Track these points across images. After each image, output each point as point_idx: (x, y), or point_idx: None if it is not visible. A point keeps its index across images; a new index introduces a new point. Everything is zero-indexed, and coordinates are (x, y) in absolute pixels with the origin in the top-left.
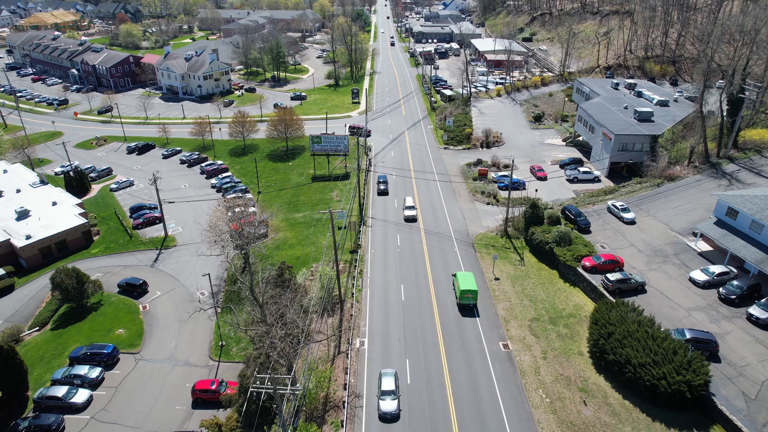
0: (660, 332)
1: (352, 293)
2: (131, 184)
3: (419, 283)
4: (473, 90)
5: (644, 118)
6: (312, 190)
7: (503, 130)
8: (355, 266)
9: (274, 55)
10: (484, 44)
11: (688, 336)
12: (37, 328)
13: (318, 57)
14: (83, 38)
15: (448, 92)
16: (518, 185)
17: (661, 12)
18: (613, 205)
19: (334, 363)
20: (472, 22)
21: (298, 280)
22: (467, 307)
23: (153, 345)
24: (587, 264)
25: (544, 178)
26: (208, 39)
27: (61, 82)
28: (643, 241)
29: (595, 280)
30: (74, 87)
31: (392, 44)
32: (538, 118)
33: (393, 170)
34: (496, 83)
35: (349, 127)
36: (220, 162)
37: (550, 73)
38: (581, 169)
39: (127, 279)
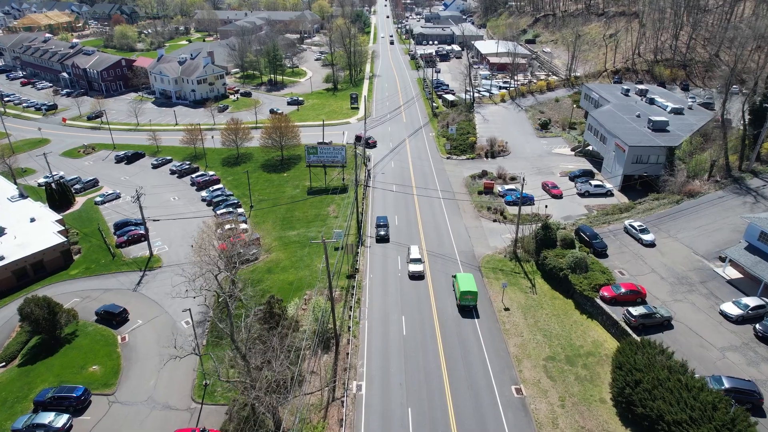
0: (695, 381)
1: (349, 326)
2: (118, 196)
3: (422, 315)
4: (476, 95)
5: (659, 127)
6: (307, 205)
7: (508, 139)
8: (352, 294)
9: (271, 58)
10: (486, 46)
11: (726, 385)
12: (3, 363)
13: (316, 59)
14: (75, 41)
15: (450, 97)
16: (527, 200)
17: (671, 14)
18: (631, 225)
19: (327, 413)
20: (473, 23)
21: (289, 313)
22: (467, 308)
23: (130, 384)
24: (606, 294)
25: (559, 196)
26: (204, 41)
27: (51, 86)
28: (665, 267)
29: (616, 313)
30: (64, 91)
31: (391, 42)
32: (544, 126)
33: (393, 184)
34: (500, 87)
35: (355, 136)
36: (211, 173)
37: (555, 77)
38: (593, 182)
39: (105, 306)
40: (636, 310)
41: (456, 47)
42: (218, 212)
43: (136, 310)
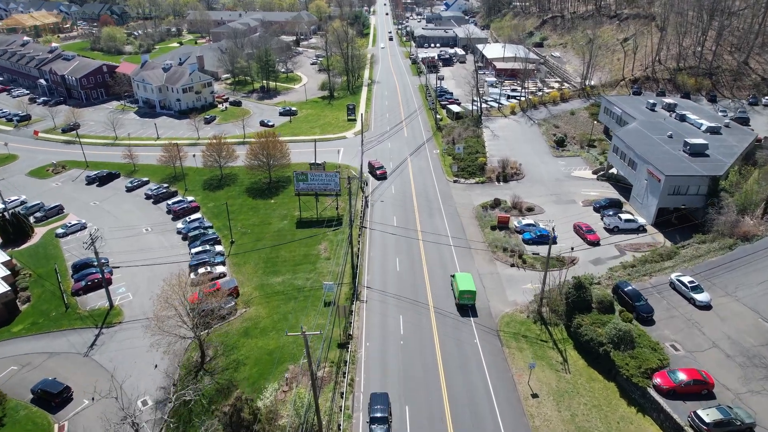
0: None
1: (339, 425)
2: (83, 227)
3: (431, 404)
4: (483, 105)
5: (697, 151)
6: (295, 240)
7: (522, 158)
8: (345, 371)
9: (263, 63)
10: (492, 50)
11: None
12: None
13: (312, 63)
14: (54, 45)
15: (455, 108)
16: (546, 238)
17: (692, 16)
18: (679, 281)
19: None
20: (476, 24)
21: (264, 404)
22: (465, 307)
23: None
24: (662, 384)
25: (595, 243)
26: (196, 43)
27: (28, 94)
28: (730, 339)
29: (678, 410)
30: (41, 99)
31: (390, 39)
32: (560, 143)
33: (394, 215)
34: (508, 96)
35: (369, 163)
36: (190, 198)
37: (567, 86)
38: (623, 216)
39: (44, 383)
40: (708, 415)
41: (459, 51)
42: (193, 251)
43: (84, 384)
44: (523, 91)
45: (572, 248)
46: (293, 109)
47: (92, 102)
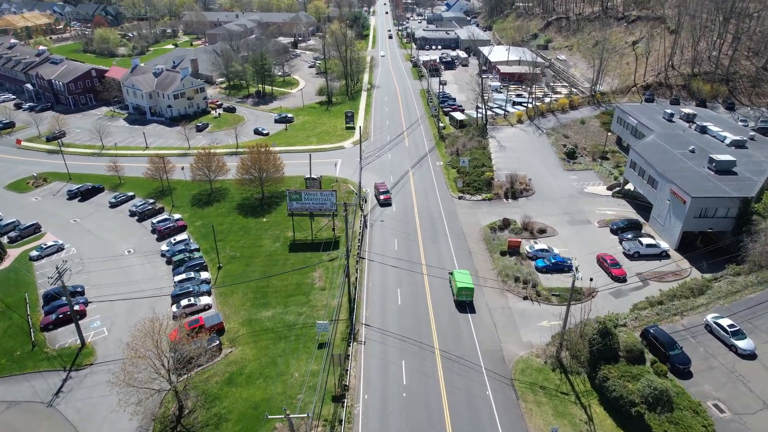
0: None
1: None
2: (60, 249)
3: None
4: (488, 112)
5: (724, 168)
6: (288, 267)
7: (531, 172)
8: (340, 430)
9: (258, 67)
10: (495, 53)
11: None
12: None
13: (310, 66)
14: (41, 48)
15: (459, 116)
16: (562, 266)
17: (706, 20)
18: (717, 323)
19: None
20: (478, 25)
21: None
22: (463, 303)
23: None
24: None
25: (621, 279)
26: (192, 45)
27: (14, 99)
28: None
29: None
30: (27, 105)
31: (390, 37)
32: (571, 155)
33: (395, 237)
34: (514, 103)
35: (375, 186)
36: (177, 216)
37: (574, 90)
38: (644, 240)
39: None
40: None
41: (462, 53)
42: (176, 278)
43: None
44: (530, 97)
45: (591, 279)
46: (289, 115)
47: (80, 108)
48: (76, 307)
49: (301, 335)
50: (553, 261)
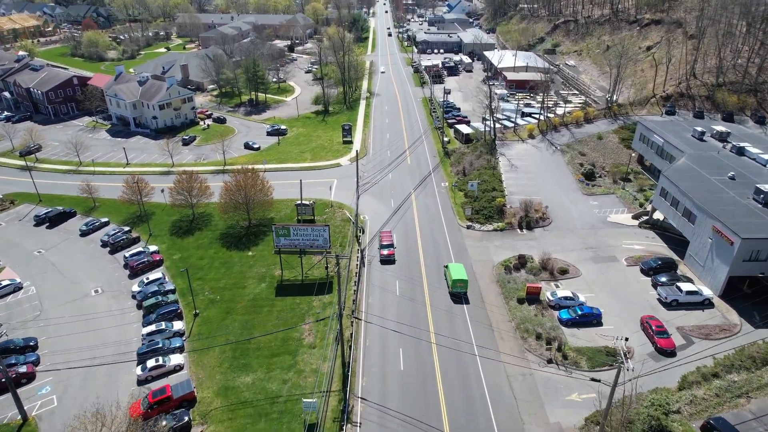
0: None
1: None
2: (17, 288)
3: None
4: (497, 126)
5: None
6: (274, 315)
7: (546, 196)
8: None
9: (251, 75)
10: (501, 58)
11: None
12: None
13: (307, 71)
14: (21, 53)
15: (465, 129)
16: (590, 318)
17: (728, 24)
18: None
19: None
20: (480, 27)
21: None
22: (458, 295)
23: None
24: None
25: (669, 352)
26: (184, 48)
27: None
28: None
29: None
30: (4, 115)
31: (389, 35)
32: (589, 176)
33: (396, 279)
34: (523, 114)
35: (380, 237)
36: (152, 249)
37: (584, 98)
38: (683, 286)
39: None
40: None
41: (465, 58)
42: (144, 331)
43: None
44: (542, 109)
45: (626, 338)
46: (282, 127)
47: (61, 118)
48: (23, 369)
49: (286, 411)
50: (579, 313)
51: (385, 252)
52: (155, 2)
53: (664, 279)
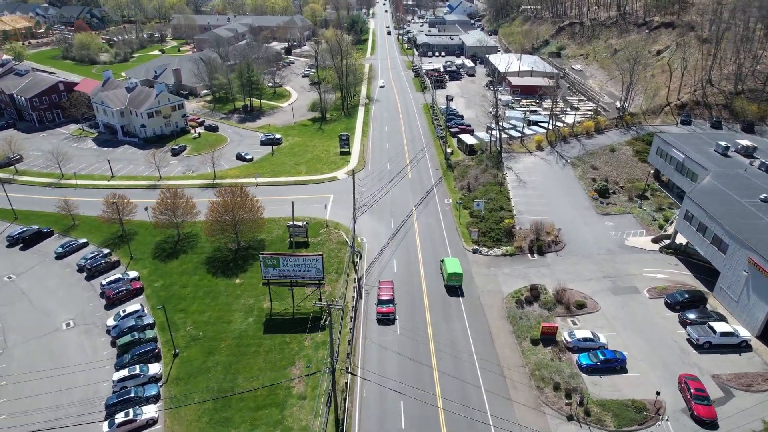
0: None
1: None
2: None
3: None
4: (503, 135)
5: None
6: (261, 356)
7: (558, 217)
8: None
9: (245, 80)
10: (505, 62)
11: None
12: None
13: (304, 75)
14: (5, 57)
15: (469, 140)
16: (614, 365)
17: (744, 28)
18: None
19: None
20: (482, 29)
21: None
22: (453, 287)
23: None
24: None
25: (709, 424)
26: (179, 51)
27: None
28: None
29: None
30: None
31: (388, 33)
32: (603, 193)
33: (396, 316)
34: (529, 122)
35: (380, 291)
36: (132, 275)
37: (592, 104)
38: (717, 327)
39: None
40: None
41: (468, 62)
42: (115, 376)
43: None
44: (551, 119)
45: (657, 392)
46: (277, 136)
47: (46, 126)
48: None
49: None
50: (602, 358)
51: (384, 309)
52: (151, 3)
53: (693, 316)
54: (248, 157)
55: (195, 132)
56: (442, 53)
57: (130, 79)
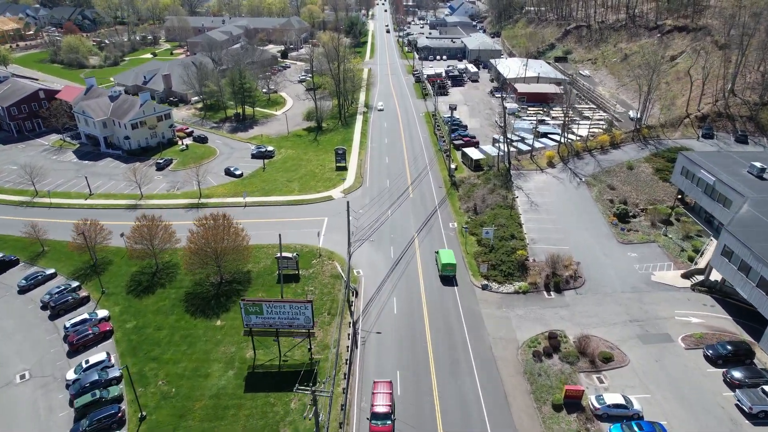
0: None
1: None
2: None
3: None
4: (511, 149)
5: None
6: (240, 422)
7: (576, 246)
8: None
9: (237, 87)
10: (510, 68)
11: None
12: None
13: (300, 80)
14: None
15: (475, 154)
16: None
17: (765, 32)
18: None
19: None
20: (485, 31)
21: None
22: (447, 277)
23: None
24: None
25: None
26: (172, 54)
27: None
28: None
29: None
30: None
31: (387, 31)
32: (622, 217)
33: (397, 366)
34: (538, 132)
35: (372, 391)
36: (102, 314)
37: (603, 113)
38: None
39: None
40: None
41: (471, 66)
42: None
43: None
44: (561, 130)
45: None
46: (269, 148)
47: (25, 136)
48: None
49: None
50: (637, 430)
51: (379, 426)
52: (145, 4)
53: (740, 375)
54: (237, 172)
55: (182, 144)
56: (444, 57)
57: (117, 85)
